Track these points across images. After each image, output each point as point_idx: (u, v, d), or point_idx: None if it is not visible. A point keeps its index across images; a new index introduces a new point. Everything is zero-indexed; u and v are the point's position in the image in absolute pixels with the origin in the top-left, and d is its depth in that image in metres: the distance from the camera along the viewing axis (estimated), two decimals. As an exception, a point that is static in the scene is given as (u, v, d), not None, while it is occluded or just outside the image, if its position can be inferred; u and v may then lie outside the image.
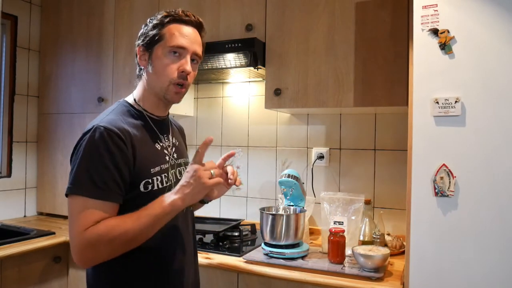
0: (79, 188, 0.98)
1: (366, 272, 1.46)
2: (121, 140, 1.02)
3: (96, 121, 1.06)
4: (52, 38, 2.53)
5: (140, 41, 1.14)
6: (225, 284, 1.61)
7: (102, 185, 0.98)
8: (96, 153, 0.99)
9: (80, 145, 1.03)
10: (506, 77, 1.18)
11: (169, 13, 1.12)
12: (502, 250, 1.17)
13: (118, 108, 1.14)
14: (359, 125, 2.05)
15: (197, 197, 1.02)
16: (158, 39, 1.11)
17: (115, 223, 0.98)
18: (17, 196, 2.47)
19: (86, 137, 1.02)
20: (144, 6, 2.20)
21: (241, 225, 2.03)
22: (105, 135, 1.00)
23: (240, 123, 2.34)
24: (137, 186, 1.05)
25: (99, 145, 0.99)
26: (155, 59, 1.11)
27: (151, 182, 1.07)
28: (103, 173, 0.99)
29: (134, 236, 0.99)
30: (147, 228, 0.99)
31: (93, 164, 0.99)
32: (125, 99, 1.19)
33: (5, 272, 1.76)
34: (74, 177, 1.00)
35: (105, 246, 0.97)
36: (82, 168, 0.99)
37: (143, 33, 1.14)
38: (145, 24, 1.16)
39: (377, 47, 1.68)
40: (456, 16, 1.24)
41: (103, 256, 1.00)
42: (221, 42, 1.88)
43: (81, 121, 2.38)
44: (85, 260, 1.00)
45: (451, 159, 1.23)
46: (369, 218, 1.81)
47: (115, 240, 0.97)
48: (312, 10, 1.81)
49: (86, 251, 0.97)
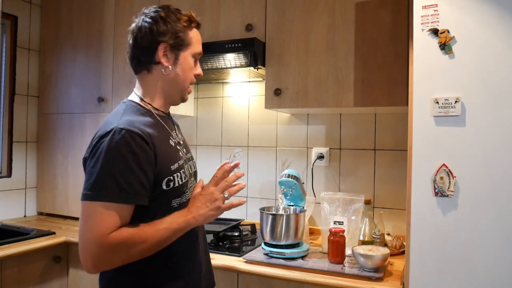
0: (104, 194, 0.95)
1: (366, 272, 1.46)
2: (143, 140, 1.00)
3: (113, 123, 1.02)
4: (52, 38, 2.53)
5: (166, 39, 1.10)
6: (225, 284, 1.61)
7: (128, 189, 0.97)
8: (120, 156, 0.97)
9: (98, 148, 0.99)
10: (506, 77, 1.18)
11: (190, 17, 1.14)
12: (502, 250, 1.17)
13: (129, 108, 1.10)
14: (359, 125, 2.05)
15: (210, 219, 1.08)
16: (187, 44, 1.13)
17: (136, 231, 0.98)
18: (17, 196, 2.48)
19: (105, 140, 0.98)
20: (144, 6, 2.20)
21: (241, 225, 2.03)
22: (127, 137, 0.98)
23: (240, 123, 2.34)
24: (160, 185, 1.05)
25: (122, 147, 0.97)
26: (182, 62, 1.13)
27: (173, 179, 1.07)
28: (129, 176, 0.97)
29: (151, 246, 1.00)
30: (164, 240, 1.02)
31: (117, 168, 0.96)
32: (129, 98, 1.16)
33: (5, 272, 1.76)
34: (96, 182, 0.96)
35: (123, 253, 0.97)
36: (105, 173, 0.96)
37: (168, 31, 1.10)
38: (162, 19, 1.10)
39: (377, 47, 1.68)
40: (456, 16, 1.24)
41: (118, 263, 0.99)
42: (221, 42, 1.88)
43: (81, 121, 2.39)
44: (100, 265, 0.98)
45: (451, 159, 1.23)
46: (369, 218, 1.81)
47: (134, 248, 0.97)
48: (312, 10, 1.81)
49: (104, 256, 0.96)
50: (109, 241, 0.95)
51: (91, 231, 0.95)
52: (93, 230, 0.95)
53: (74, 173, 2.39)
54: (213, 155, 2.40)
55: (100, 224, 0.95)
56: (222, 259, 1.63)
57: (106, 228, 0.95)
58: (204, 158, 2.41)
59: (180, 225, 1.03)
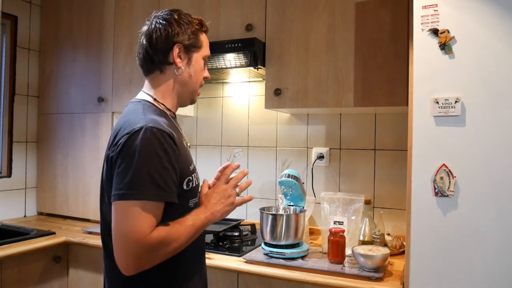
0: (142, 192, 0.94)
1: (366, 272, 1.46)
2: (172, 139, 1.01)
3: (138, 121, 1.00)
4: (52, 38, 2.53)
5: (180, 39, 1.11)
6: (225, 284, 1.61)
7: (165, 187, 0.97)
8: (154, 153, 0.96)
9: (130, 146, 0.97)
10: (506, 77, 1.18)
11: (200, 21, 1.18)
12: (502, 250, 1.17)
13: (148, 108, 1.10)
14: (359, 125, 2.05)
15: (225, 215, 1.14)
16: (199, 46, 1.17)
17: (171, 230, 0.99)
18: (17, 196, 2.48)
19: (136, 138, 0.96)
20: (144, 6, 2.20)
21: (241, 225, 2.03)
22: (159, 135, 0.98)
23: (240, 123, 2.34)
24: (181, 185, 1.05)
25: (155, 146, 0.97)
26: (195, 64, 1.16)
27: (191, 179, 1.09)
28: (164, 174, 0.97)
29: (183, 244, 1.02)
30: (191, 237, 1.04)
31: (153, 166, 0.96)
32: (142, 98, 1.15)
33: (5, 272, 1.76)
34: (133, 181, 0.94)
35: (162, 251, 0.97)
36: (141, 171, 0.95)
37: (181, 32, 1.12)
38: (176, 21, 1.12)
39: (377, 47, 1.68)
40: (456, 16, 1.24)
41: (156, 262, 0.98)
42: (221, 42, 1.88)
43: (81, 121, 2.39)
44: (142, 265, 0.96)
45: (451, 159, 1.23)
46: (369, 218, 1.81)
47: (171, 246, 0.98)
48: (312, 10, 1.81)
49: (146, 256, 0.95)
50: (151, 240, 0.94)
51: (132, 231, 0.93)
52: (134, 230, 0.93)
53: (74, 173, 2.40)
54: (213, 155, 2.40)
55: (140, 224, 0.94)
56: (222, 259, 1.63)
57: (146, 228, 0.94)
58: (204, 158, 2.41)
59: (203, 221, 1.07)
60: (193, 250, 1.12)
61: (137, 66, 1.19)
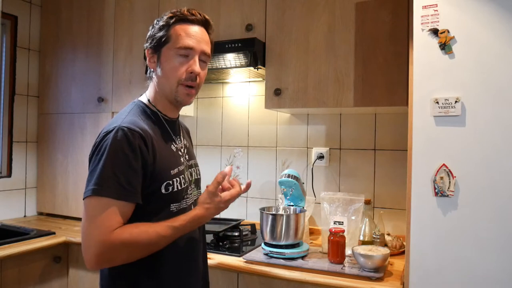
0: (105, 190, 0.96)
1: (366, 272, 1.46)
2: (143, 140, 1.02)
3: (117, 121, 1.04)
4: (52, 38, 2.53)
5: (148, 44, 1.14)
6: (225, 284, 1.61)
7: (128, 186, 0.98)
8: (122, 153, 0.98)
9: (101, 145, 1.00)
10: (506, 77, 1.18)
11: (174, 13, 1.11)
12: (501, 250, 1.17)
13: (135, 109, 1.12)
14: (359, 125, 2.05)
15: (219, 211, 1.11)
16: (165, 41, 1.10)
17: (139, 231, 0.98)
18: (17, 196, 2.47)
19: (109, 137, 1.00)
20: (144, 6, 2.20)
21: (241, 225, 2.02)
22: (129, 135, 0.99)
23: (240, 123, 2.34)
24: (159, 188, 1.05)
25: (124, 145, 0.98)
26: (163, 62, 1.11)
27: (172, 183, 1.08)
28: (129, 173, 0.98)
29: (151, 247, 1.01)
30: (166, 239, 1.03)
31: (119, 165, 0.98)
32: (139, 99, 1.18)
33: (5, 272, 1.76)
34: (99, 178, 0.97)
35: (125, 251, 0.98)
36: (107, 169, 0.97)
37: (150, 36, 1.14)
38: (152, 26, 1.15)
39: (377, 47, 1.68)
40: (456, 16, 1.24)
41: (119, 261, 1.00)
42: (221, 42, 1.88)
43: (81, 121, 2.39)
44: (102, 262, 0.99)
45: (451, 159, 1.23)
46: (369, 218, 1.81)
47: (136, 248, 0.98)
48: (312, 10, 1.81)
49: (107, 253, 0.96)
50: (112, 239, 0.95)
51: (94, 228, 0.96)
52: (96, 228, 0.95)
53: (74, 173, 2.40)
54: (213, 155, 2.40)
55: (104, 221, 0.95)
56: (222, 259, 1.63)
57: (108, 226, 0.95)
58: (204, 158, 2.40)
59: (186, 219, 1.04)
60: (182, 249, 1.11)
61: (137, 66, 1.20)
